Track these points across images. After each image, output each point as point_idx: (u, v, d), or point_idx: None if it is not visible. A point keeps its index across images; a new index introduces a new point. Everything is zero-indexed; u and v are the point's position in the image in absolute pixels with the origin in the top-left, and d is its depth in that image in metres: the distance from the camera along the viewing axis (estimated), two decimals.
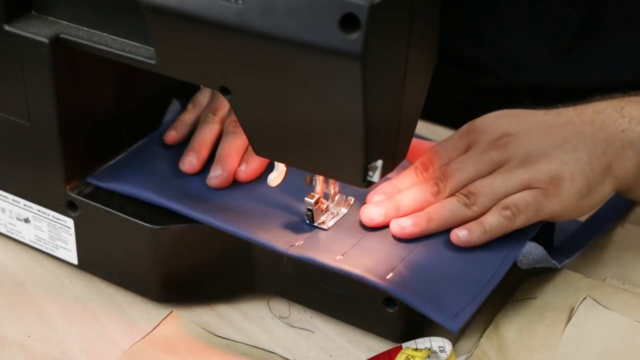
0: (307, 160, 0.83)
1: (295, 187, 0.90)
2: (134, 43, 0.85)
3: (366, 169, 0.80)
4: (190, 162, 0.93)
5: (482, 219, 0.87)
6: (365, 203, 0.91)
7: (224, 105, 0.97)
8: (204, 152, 0.94)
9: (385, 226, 0.89)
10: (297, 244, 0.86)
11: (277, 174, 0.88)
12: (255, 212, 0.90)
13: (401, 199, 0.89)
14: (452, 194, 0.89)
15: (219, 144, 0.95)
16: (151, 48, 0.83)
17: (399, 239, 0.87)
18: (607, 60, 1.11)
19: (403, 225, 0.87)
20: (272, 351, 0.86)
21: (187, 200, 0.89)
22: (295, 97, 0.78)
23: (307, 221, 0.89)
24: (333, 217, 0.90)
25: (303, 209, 0.89)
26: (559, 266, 0.89)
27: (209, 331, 0.88)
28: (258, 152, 0.85)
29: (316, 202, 0.88)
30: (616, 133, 0.90)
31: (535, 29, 1.13)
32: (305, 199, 0.88)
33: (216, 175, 0.92)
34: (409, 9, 0.75)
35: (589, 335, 0.85)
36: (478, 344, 0.86)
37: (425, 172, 0.91)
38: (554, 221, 0.91)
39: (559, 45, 1.13)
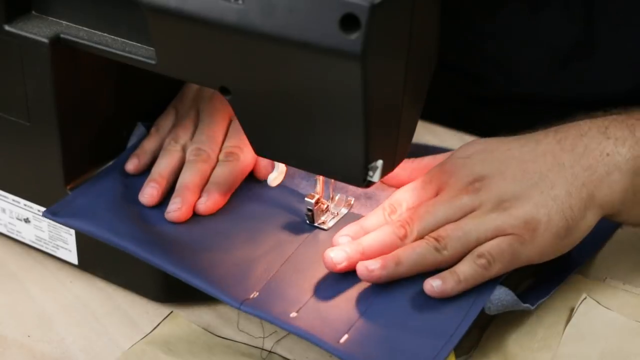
0: (307, 160, 0.83)
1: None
2: (134, 43, 0.85)
3: (366, 169, 0.80)
4: (150, 194, 0.90)
5: (456, 268, 0.83)
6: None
7: (186, 131, 0.94)
8: (164, 184, 0.91)
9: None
10: (251, 296, 0.83)
11: (277, 174, 0.88)
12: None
13: (366, 241, 0.85)
14: (419, 238, 0.85)
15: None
16: (151, 48, 0.83)
17: (357, 292, 0.83)
18: (602, 73, 1.11)
19: (370, 268, 0.83)
20: (273, 351, 0.86)
21: (146, 238, 0.86)
22: (295, 97, 0.78)
23: (308, 221, 0.89)
24: (333, 217, 0.90)
25: (303, 208, 0.89)
26: (532, 308, 0.85)
27: (209, 331, 0.88)
28: (258, 152, 0.85)
29: (316, 202, 0.88)
30: (600, 158, 0.86)
31: (533, 40, 1.13)
32: (306, 199, 0.88)
33: (174, 209, 0.89)
34: (409, 9, 0.75)
35: (589, 335, 0.85)
36: (478, 345, 0.86)
37: (393, 215, 0.88)
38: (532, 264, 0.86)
39: (557, 58, 1.13)
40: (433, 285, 0.83)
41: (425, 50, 0.80)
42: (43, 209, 0.92)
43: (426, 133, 1.11)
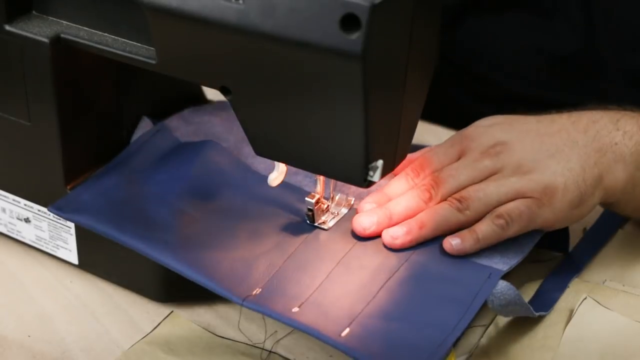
0: (307, 160, 0.83)
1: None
2: (135, 43, 0.85)
3: (367, 168, 0.80)
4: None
5: (475, 227, 0.86)
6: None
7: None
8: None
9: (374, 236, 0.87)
10: (254, 292, 0.83)
11: (277, 174, 0.88)
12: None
13: (393, 206, 0.88)
14: (443, 200, 0.88)
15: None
16: (152, 48, 0.83)
17: (359, 287, 0.83)
18: (602, 84, 1.11)
19: (395, 236, 0.86)
20: (273, 351, 0.86)
21: (149, 235, 0.86)
22: (296, 97, 0.78)
23: (308, 221, 0.89)
24: (334, 217, 0.90)
25: (304, 208, 0.89)
26: (536, 315, 0.85)
27: (209, 331, 0.88)
28: (258, 152, 0.85)
29: (317, 202, 0.88)
30: (609, 145, 0.90)
31: (534, 43, 1.14)
32: (306, 199, 0.88)
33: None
34: (409, 9, 0.75)
35: (589, 335, 0.85)
36: (478, 345, 0.86)
37: (416, 178, 0.90)
38: (544, 230, 0.89)
39: (557, 63, 1.13)
40: (452, 243, 0.86)
41: (425, 50, 0.80)
42: (43, 208, 0.92)
43: (426, 133, 1.11)
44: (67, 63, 0.87)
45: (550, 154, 0.88)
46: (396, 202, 0.88)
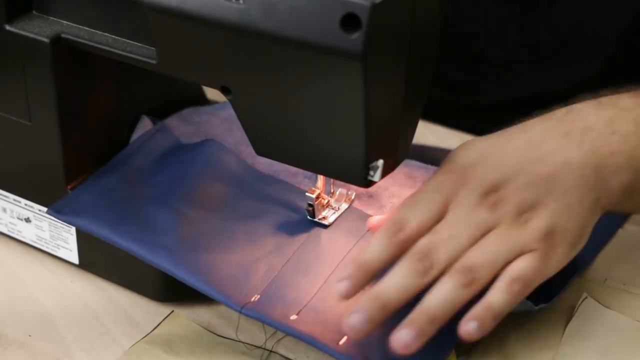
0: (307, 160, 0.83)
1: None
2: (135, 43, 0.85)
3: (367, 168, 0.80)
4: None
5: (489, 301, 0.76)
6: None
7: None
8: None
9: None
10: (252, 299, 0.82)
11: None
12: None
13: (383, 292, 0.76)
14: (442, 271, 0.77)
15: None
16: (152, 48, 0.83)
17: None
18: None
19: (406, 344, 0.75)
20: (273, 350, 0.86)
21: (147, 238, 0.86)
22: (296, 96, 0.78)
23: (308, 216, 0.89)
24: (334, 212, 0.90)
25: (304, 205, 0.89)
26: (536, 308, 0.84)
27: (210, 330, 0.88)
28: (259, 152, 0.85)
29: (317, 198, 0.88)
30: (606, 156, 0.82)
31: (524, 40, 1.13)
32: (306, 194, 0.88)
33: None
34: (410, 9, 0.75)
35: (590, 335, 0.85)
36: (478, 344, 0.86)
37: (394, 237, 0.78)
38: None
39: (550, 54, 1.12)
40: (470, 331, 0.76)
41: (426, 50, 0.80)
42: (44, 208, 0.92)
43: (426, 133, 1.11)
44: (68, 63, 0.87)
45: (546, 190, 0.80)
46: (386, 285, 0.76)
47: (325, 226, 0.89)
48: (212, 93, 1.00)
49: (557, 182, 0.80)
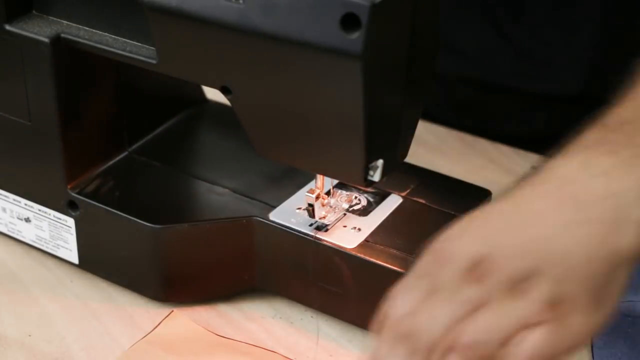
0: (308, 160, 0.83)
1: None
2: (135, 42, 0.85)
3: (367, 168, 0.80)
4: None
5: None
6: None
7: None
8: None
9: None
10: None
11: None
12: None
13: None
14: (428, 355, 0.68)
15: None
16: (152, 48, 0.83)
17: None
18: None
19: None
20: (273, 350, 0.86)
21: None
22: (296, 96, 0.78)
23: (308, 216, 0.89)
24: (334, 213, 0.90)
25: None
26: None
27: (209, 330, 0.88)
28: (259, 152, 0.85)
29: (317, 198, 0.88)
30: (604, 203, 0.68)
31: (517, 44, 1.12)
32: (306, 194, 0.88)
33: None
34: (410, 9, 0.75)
35: None
36: None
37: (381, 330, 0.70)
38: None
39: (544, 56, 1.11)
40: None
41: (426, 50, 0.80)
42: (44, 208, 0.92)
43: (426, 133, 1.11)
44: (67, 63, 0.87)
45: (541, 256, 0.68)
46: None
47: (325, 226, 0.89)
48: (212, 93, 1.00)
49: (553, 245, 0.68)
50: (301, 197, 0.89)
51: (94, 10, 0.86)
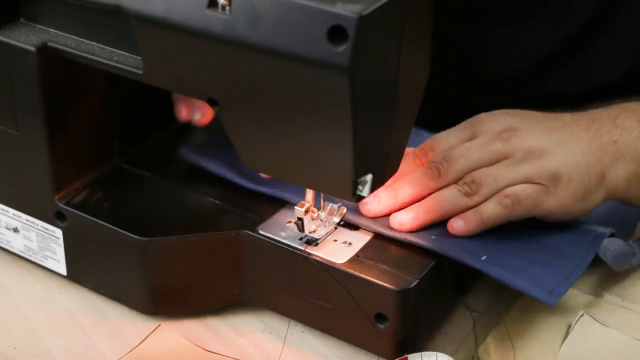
0: (296, 174, 0.81)
1: None
2: (122, 52, 0.84)
3: (356, 183, 0.78)
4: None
5: (480, 207, 0.87)
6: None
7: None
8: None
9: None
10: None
11: None
12: None
13: (400, 187, 0.89)
14: (453, 180, 0.89)
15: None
16: (139, 57, 0.82)
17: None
18: (589, 74, 1.10)
19: (402, 222, 0.87)
20: None
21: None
22: (284, 109, 0.77)
23: (298, 230, 0.87)
24: (325, 226, 0.88)
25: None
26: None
27: (197, 345, 0.87)
28: (248, 165, 0.83)
29: (306, 211, 0.87)
30: (609, 144, 0.91)
31: (516, 48, 1.12)
32: (296, 207, 0.86)
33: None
34: (399, 21, 0.73)
35: (586, 352, 0.84)
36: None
37: (425, 157, 0.91)
38: (545, 220, 0.90)
39: (541, 62, 1.11)
40: (455, 226, 0.87)
41: (416, 62, 0.78)
42: (32, 218, 0.91)
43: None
44: (55, 71, 0.86)
45: (558, 145, 0.90)
46: (403, 183, 0.89)
47: (315, 240, 0.87)
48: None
49: (567, 143, 0.90)
50: (292, 210, 0.87)
51: (82, 19, 0.85)
